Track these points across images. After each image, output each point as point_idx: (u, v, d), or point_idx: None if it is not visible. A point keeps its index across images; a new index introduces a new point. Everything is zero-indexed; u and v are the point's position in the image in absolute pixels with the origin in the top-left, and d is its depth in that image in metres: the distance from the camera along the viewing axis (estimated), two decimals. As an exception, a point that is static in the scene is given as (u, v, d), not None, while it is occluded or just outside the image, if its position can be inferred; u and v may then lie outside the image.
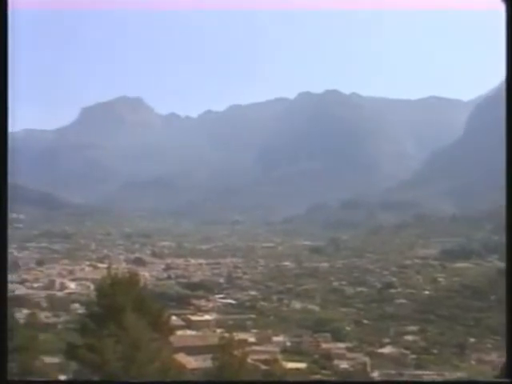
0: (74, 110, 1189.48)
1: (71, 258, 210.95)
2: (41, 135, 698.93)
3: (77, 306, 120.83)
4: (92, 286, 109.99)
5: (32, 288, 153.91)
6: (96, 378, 32.25)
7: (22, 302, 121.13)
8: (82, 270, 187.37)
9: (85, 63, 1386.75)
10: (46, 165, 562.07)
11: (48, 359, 56.93)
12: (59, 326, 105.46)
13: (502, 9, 7.52)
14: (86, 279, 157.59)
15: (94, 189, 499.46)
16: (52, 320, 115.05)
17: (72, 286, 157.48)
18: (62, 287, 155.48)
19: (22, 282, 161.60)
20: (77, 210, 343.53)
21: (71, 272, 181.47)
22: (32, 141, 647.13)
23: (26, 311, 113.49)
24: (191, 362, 61.93)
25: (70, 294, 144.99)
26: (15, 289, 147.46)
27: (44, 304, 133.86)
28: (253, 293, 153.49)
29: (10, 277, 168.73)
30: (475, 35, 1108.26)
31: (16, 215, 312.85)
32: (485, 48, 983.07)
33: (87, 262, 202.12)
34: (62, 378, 44.79)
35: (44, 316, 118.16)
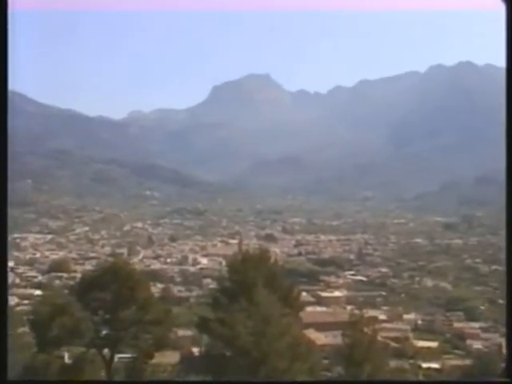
0: (204, 89, 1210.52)
1: (203, 234, 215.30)
2: (173, 115, 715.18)
3: (208, 280, 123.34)
4: (223, 262, 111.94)
5: (166, 263, 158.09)
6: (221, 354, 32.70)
7: (156, 276, 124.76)
8: (214, 245, 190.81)
9: (214, 41, 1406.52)
10: (178, 144, 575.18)
11: (181, 332, 58.30)
12: (192, 300, 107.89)
13: (502, 9, 7.36)
14: (218, 255, 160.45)
15: (225, 167, 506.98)
16: (185, 294, 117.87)
17: (204, 261, 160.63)
18: (195, 262, 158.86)
19: (157, 258, 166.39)
20: (209, 188, 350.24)
21: (203, 248, 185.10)
22: (165, 120, 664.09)
23: (160, 285, 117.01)
24: (321, 338, 61.95)
25: (202, 269, 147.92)
26: (150, 264, 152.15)
27: (177, 278, 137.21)
28: (383, 270, 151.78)
29: (145, 252, 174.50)
30: None
31: (150, 192, 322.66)
32: None
33: (219, 238, 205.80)
34: (195, 350, 45.70)
35: (177, 290, 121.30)
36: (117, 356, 44.03)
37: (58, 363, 41.13)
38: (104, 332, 42.24)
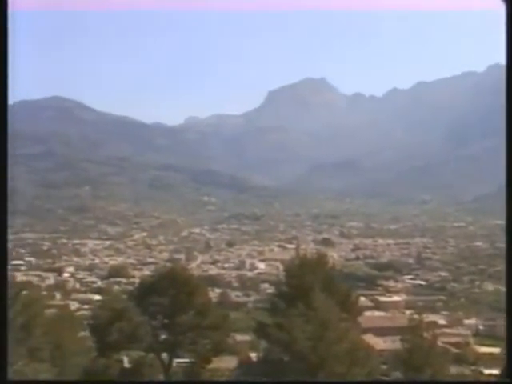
0: (261, 94, 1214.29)
1: (260, 239, 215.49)
2: (229, 120, 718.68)
3: (266, 285, 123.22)
4: (281, 267, 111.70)
5: (223, 268, 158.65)
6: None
7: (214, 281, 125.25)
8: (271, 250, 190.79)
9: (268, 45, 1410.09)
10: (235, 149, 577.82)
11: (239, 337, 58.38)
12: (249, 305, 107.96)
13: (502, 9, 7.15)
14: (275, 260, 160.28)
15: (281, 171, 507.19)
16: (242, 299, 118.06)
17: (261, 266, 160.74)
18: (252, 267, 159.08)
19: (214, 263, 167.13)
20: (266, 192, 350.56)
21: (261, 253, 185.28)
22: (221, 126, 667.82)
23: (218, 290, 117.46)
24: (379, 343, 61.30)
25: (259, 274, 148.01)
26: (208, 269, 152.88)
27: (235, 284, 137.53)
28: (443, 274, 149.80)
29: (203, 257, 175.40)
30: None
31: (207, 198, 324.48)
32: None
33: (276, 243, 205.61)
34: (253, 355, 45.68)
35: (235, 295, 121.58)
36: (175, 360, 44.32)
37: (117, 367, 41.59)
38: (162, 337, 42.63)
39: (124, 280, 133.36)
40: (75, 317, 55.63)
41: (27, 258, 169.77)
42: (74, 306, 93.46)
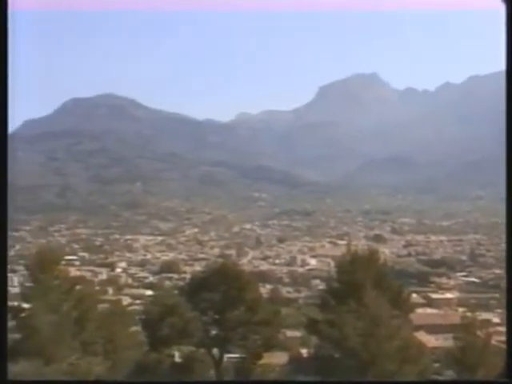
0: (312, 89, 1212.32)
1: (312, 235, 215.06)
2: (280, 116, 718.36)
3: (317, 281, 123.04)
4: (332, 263, 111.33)
5: (274, 264, 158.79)
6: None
7: (264, 277, 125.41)
8: (323, 246, 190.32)
9: (320, 41, 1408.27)
10: (286, 145, 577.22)
11: (290, 333, 58.27)
12: (300, 301, 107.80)
13: (502, 9, 7.26)
14: (326, 256, 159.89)
15: (332, 167, 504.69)
16: (293, 295, 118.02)
17: (312, 262, 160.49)
18: (303, 263, 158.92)
19: (265, 259, 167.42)
20: (317, 188, 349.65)
21: (312, 249, 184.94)
22: (272, 122, 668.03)
23: (268, 286, 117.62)
24: (431, 340, 60.57)
25: (310, 270, 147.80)
26: (259, 265, 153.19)
27: (286, 279, 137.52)
28: (497, 271, 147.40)
29: (253, 253, 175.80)
30: None
31: (258, 194, 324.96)
32: None
33: (327, 239, 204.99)
34: (304, 351, 45.58)
35: (286, 291, 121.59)
36: (226, 356, 44.46)
37: (168, 362, 41.94)
38: (213, 332, 42.80)
39: (175, 276, 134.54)
40: (127, 312, 56.19)
41: (80, 253, 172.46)
42: (126, 300, 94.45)
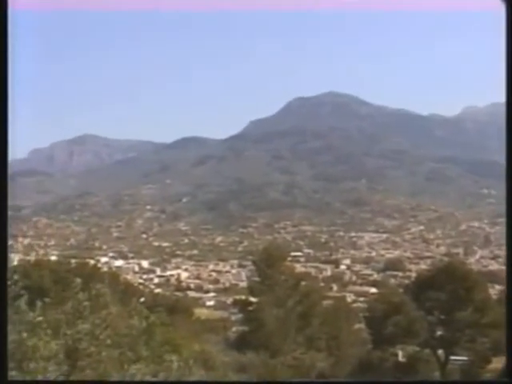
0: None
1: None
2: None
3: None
4: None
5: (504, 264, 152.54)
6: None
7: (494, 277, 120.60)
8: None
9: None
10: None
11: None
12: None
13: (502, 9, 6.86)
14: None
15: None
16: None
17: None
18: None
19: (494, 258, 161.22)
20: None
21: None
22: (499, 115, 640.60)
23: (498, 287, 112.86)
24: None
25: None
26: (488, 264, 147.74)
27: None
28: None
29: (482, 252, 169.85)
30: None
31: (487, 191, 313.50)
32: None
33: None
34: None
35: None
36: (450, 358, 43.23)
37: (391, 361, 41.48)
38: (439, 333, 41.79)
39: (400, 273, 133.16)
40: (351, 309, 56.36)
41: (306, 250, 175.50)
42: (350, 297, 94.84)
